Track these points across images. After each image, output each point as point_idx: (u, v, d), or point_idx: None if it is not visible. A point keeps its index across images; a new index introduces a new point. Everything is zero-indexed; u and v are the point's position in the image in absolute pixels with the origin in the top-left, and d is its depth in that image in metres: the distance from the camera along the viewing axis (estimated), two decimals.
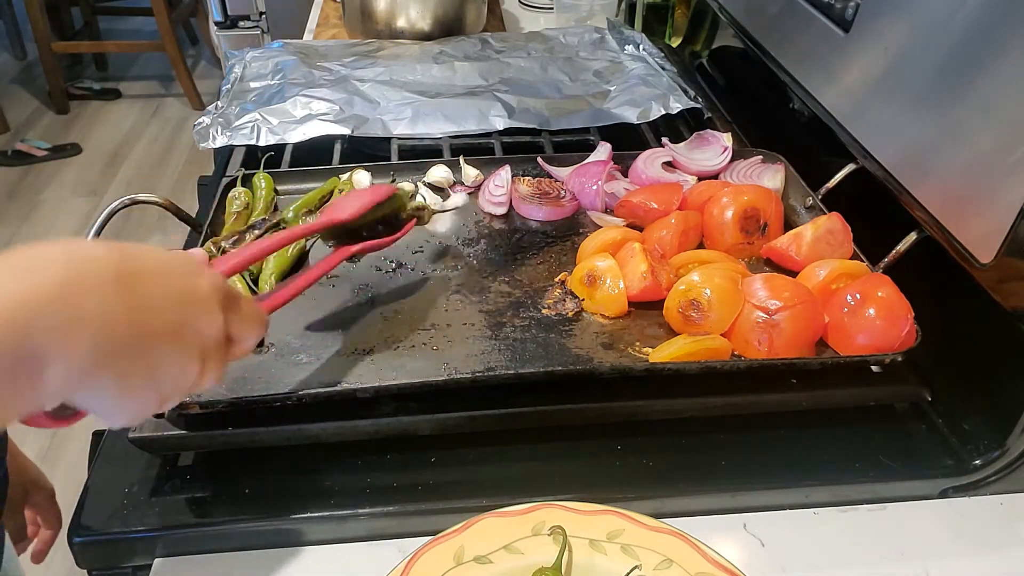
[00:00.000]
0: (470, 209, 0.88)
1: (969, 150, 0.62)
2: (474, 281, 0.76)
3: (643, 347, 0.69)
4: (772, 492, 0.64)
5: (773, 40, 0.96)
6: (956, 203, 0.64)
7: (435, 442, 0.65)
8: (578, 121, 1.06)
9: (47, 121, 3.37)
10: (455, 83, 1.15)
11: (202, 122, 1.02)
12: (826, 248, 0.76)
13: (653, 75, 1.15)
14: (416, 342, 0.69)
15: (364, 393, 0.62)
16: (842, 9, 0.79)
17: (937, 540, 0.62)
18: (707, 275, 0.70)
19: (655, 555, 0.55)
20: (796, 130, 0.97)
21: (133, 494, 0.61)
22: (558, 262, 0.80)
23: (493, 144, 1.02)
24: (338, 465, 0.64)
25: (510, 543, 0.56)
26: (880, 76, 0.74)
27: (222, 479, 0.62)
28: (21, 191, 2.92)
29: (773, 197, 0.82)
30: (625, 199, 0.85)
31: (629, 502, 0.59)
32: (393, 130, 1.02)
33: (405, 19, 1.31)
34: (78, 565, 0.60)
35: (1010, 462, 0.63)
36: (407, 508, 0.61)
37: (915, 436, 0.68)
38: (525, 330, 0.70)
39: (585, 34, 1.33)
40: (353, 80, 1.12)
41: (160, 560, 0.59)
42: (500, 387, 0.64)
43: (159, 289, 0.38)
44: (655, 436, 0.67)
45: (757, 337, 0.66)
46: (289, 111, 1.04)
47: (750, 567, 0.56)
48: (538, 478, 0.63)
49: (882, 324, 0.66)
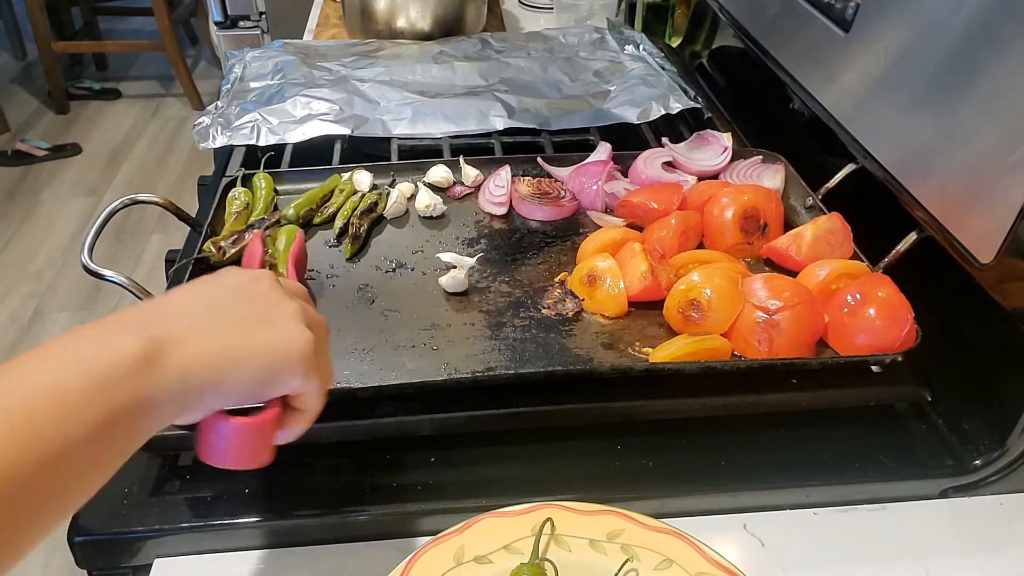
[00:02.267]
0: (470, 209, 0.88)
1: (969, 150, 0.62)
2: (474, 281, 0.76)
3: (643, 347, 0.69)
4: (772, 492, 0.64)
5: (773, 40, 0.96)
6: (956, 203, 0.64)
7: (435, 442, 0.65)
8: (578, 121, 1.06)
9: (47, 121, 3.37)
10: (455, 83, 1.15)
11: (202, 122, 1.02)
12: (826, 248, 0.76)
13: (653, 75, 1.15)
14: (416, 342, 0.69)
15: (364, 393, 0.62)
16: (842, 9, 0.79)
17: (937, 540, 0.62)
18: (707, 275, 0.70)
19: (655, 555, 0.55)
20: (796, 130, 0.97)
21: (133, 494, 0.61)
22: (558, 262, 0.80)
23: (493, 144, 1.02)
24: (338, 465, 0.64)
25: (510, 543, 0.56)
26: (880, 76, 0.74)
27: (222, 479, 0.62)
28: (21, 191, 2.92)
29: (773, 197, 0.82)
30: (625, 199, 0.85)
31: (629, 502, 0.59)
32: (393, 130, 1.02)
33: (405, 19, 1.31)
34: (78, 565, 0.60)
35: (1010, 462, 0.63)
36: (407, 508, 0.61)
37: (915, 436, 0.68)
38: (525, 330, 0.70)
39: (585, 34, 1.33)
40: (353, 80, 1.12)
41: (160, 560, 0.59)
42: (500, 387, 0.64)
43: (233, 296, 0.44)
44: (655, 436, 0.67)
45: (757, 337, 0.66)
46: (289, 111, 1.04)
47: (750, 567, 0.56)
48: (538, 478, 0.63)
49: (882, 324, 0.66)
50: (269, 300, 0.45)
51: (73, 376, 0.35)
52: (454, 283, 0.74)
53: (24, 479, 0.32)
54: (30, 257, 2.60)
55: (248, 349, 0.41)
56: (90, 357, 0.36)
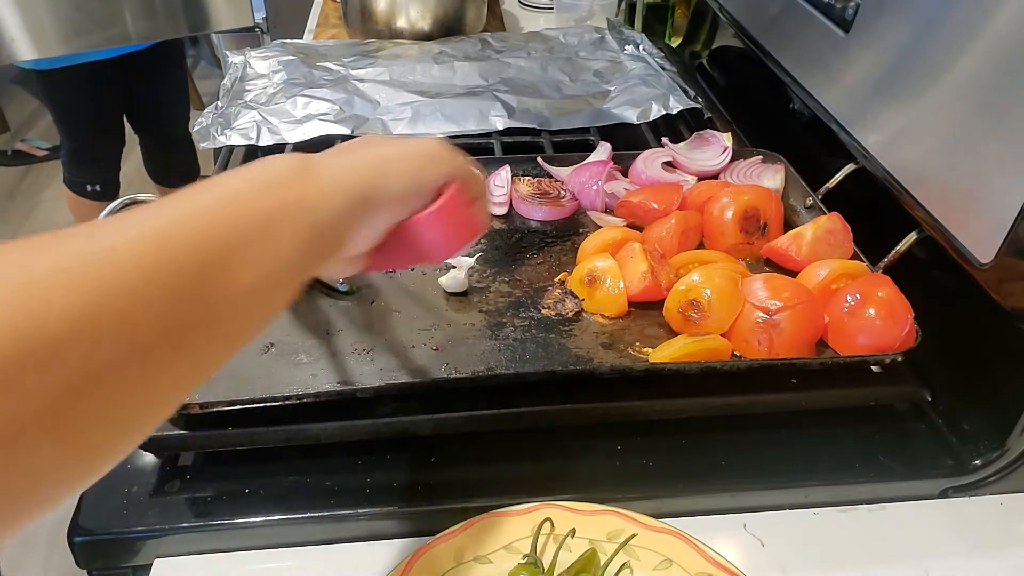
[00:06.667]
0: None
1: (969, 150, 0.62)
2: (474, 281, 0.76)
3: (643, 347, 0.69)
4: (772, 492, 0.64)
5: (773, 40, 0.96)
6: (956, 203, 0.64)
7: (435, 442, 0.65)
8: (578, 121, 1.06)
9: (47, 121, 3.36)
10: (455, 83, 1.15)
11: (202, 122, 1.02)
12: (826, 248, 0.76)
13: (653, 75, 1.15)
14: (416, 342, 0.69)
15: (364, 393, 0.62)
16: (842, 9, 0.79)
17: (937, 540, 0.62)
18: (707, 275, 0.70)
19: (655, 555, 0.55)
20: (796, 130, 0.97)
21: (133, 494, 0.61)
22: (558, 262, 0.80)
23: (493, 144, 1.02)
24: (338, 465, 0.64)
25: (510, 543, 0.56)
26: (880, 76, 0.74)
27: (222, 479, 0.62)
28: (21, 191, 2.92)
29: (773, 197, 0.82)
30: (625, 199, 0.85)
31: (629, 502, 0.59)
32: (393, 130, 1.02)
33: (405, 19, 1.31)
34: (78, 565, 0.60)
35: (1010, 462, 0.63)
36: (407, 508, 0.61)
37: (915, 436, 0.68)
38: (525, 330, 0.70)
39: (585, 34, 1.33)
40: (353, 80, 1.12)
41: (160, 560, 0.59)
42: (500, 387, 0.64)
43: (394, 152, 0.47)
44: (655, 436, 0.67)
45: (757, 337, 0.66)
46: (289, 111, 1.04)
47: (750, 567, 0.56)
48: (538, 478, 0.63)
49: (882, 324, 0.66)
50: (401, 140, 0.48)
51: (243, 182, 0.38)
52: (454, 283, 0.74)
53: (217, 257, 0.33)
54: None
55: (394, 153, 0.45)
56: (254, 171, 0.39)
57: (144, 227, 0.32)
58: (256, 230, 0.35)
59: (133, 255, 0.30)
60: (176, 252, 0.31)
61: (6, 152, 3.09)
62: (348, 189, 0.41)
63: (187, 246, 0.32)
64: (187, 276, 0.32)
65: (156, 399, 0.32)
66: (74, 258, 0.29)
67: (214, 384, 0.63)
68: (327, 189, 0.40)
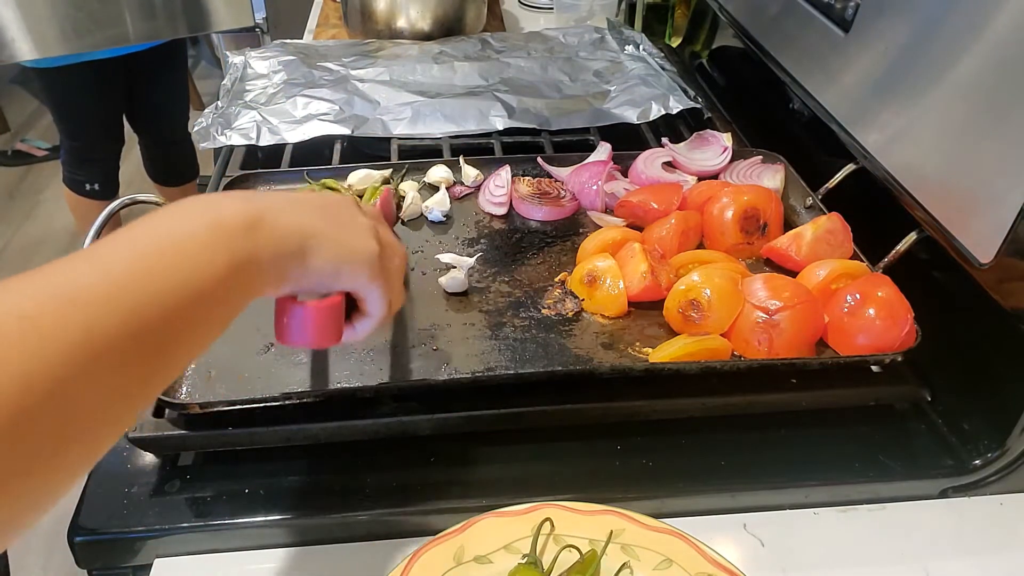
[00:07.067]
0: (470, 209, 0.88)
1: (969, 150, 0.62)
2: (474, 281, 0.76)
3: (643, 347, 0.69)
4: (772, 492, 0.64)
5: (773, 40, 0.96)
6: (956, 203, 0.64)
7: (435, 442, 0.65)
8: (578, 121, 1.06)
9: (47, 121, 3.36)
10: (455, 83, 1.15)
11: (202, 122, 1.02)
12: (826, 248, 0.76)
13: (653, 75, 1.15)
14: (416, 342, 0.69)
15: (364, 393, 0.62)
16: (842, 9, 0.79)
17: (937, 540, 0.62)
18: (707, 275, 0.70)
19: (655, 555, 0.55)
20: (796, 130, 0.97)
21: (133, 494, 0.61)
22: (558, 262, 0.80)
23: (493, 144, 1.02)
24: (338, 465, 0.64)
25: (510, 543, 0.56)
26: (880, 76, 0.73)
27: (222, 479, 0.62)
28: (21, 191, 2.92)
29: (773, 197, 0.82)
30: (625, 199, 0.85)
31: (629, 502, 0.59)
32: (393, 130, 1.02)
33: (405, 19, 1.31)
34: (78, 565, 0.60)
35: (1010, 462, 0.63)
36: (407, 508, 0.61)
37: (915, 436, 0.68)
38: (525, 330, 0.70)
39: (585, 34, 1.34)
40: (353, 80, 1.12)
41: (160, 560, 0.59)
42: (500, 387, 0.64)
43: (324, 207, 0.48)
44: (655, 436, 0.67)
45: (757, 337, 0.66)
46: (289, 111, 1.04)
47: (750, 567, 0.56)
48: (538, 478, 0.63)
49: (882, 324, 0.66)
50: (346, 212, 0.49)
51: (197, 226, 0.38)
52: (454, 283, 0.74)
53: (163, 313, 0.34)
54: (30, 257, 2.60)
55: (327, 235, 0.46)
56: (210, 214, 0.39)
57: (77, 298, 0.32)
58: (208, 288, 0.37)
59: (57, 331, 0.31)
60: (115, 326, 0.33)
61: (6, 152, 3.09)
62: (281, 255, 0.42)
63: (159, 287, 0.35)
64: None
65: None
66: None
67: (214, 384, 0.63)
68: (268, 251, 0.41)
